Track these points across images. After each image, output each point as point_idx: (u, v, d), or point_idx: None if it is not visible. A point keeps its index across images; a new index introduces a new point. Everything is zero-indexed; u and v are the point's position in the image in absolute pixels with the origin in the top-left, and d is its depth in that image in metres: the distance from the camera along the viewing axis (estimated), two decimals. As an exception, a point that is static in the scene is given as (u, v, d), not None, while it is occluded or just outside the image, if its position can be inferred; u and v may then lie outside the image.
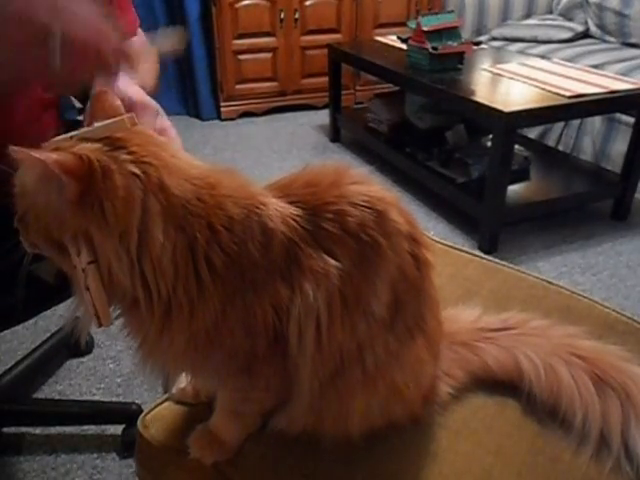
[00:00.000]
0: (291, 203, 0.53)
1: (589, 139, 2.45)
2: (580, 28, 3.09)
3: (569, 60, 2.57)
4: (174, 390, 0.68)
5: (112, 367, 1.51)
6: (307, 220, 0.52)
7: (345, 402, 0.57)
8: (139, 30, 0.92)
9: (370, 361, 0.55)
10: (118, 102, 0.51)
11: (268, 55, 3.33)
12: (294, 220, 0.52)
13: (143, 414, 0.68)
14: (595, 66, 2.46)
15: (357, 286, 0.53)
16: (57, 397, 1.42)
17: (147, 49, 0.77)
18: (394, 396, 0.59)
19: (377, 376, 0.56)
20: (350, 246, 0.52)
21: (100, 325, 0.49)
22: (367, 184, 0.55)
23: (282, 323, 0.52)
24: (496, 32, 3.30)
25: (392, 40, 2.87)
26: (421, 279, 0.58)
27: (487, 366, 0.68)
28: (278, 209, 0.52)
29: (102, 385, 1.46)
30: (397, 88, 2.77)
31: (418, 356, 0.59)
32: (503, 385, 0.68)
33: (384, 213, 0.54)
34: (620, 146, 2.26)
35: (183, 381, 0.68)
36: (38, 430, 1.32)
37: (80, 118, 0.88)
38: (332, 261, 0.52)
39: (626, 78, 2.17)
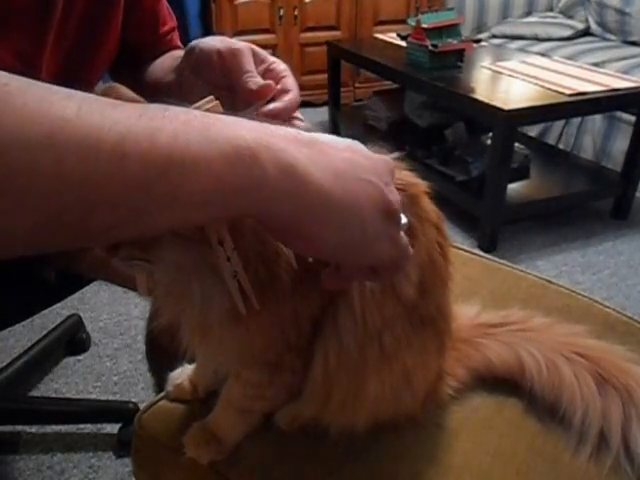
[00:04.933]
0: None
1: (589, 137, 2.44)
2: (580, 26, 3.08)
3: (569, 58, 2.57)
4: (170, 387, 0.68)
5: (109, 365, 1.51)
6: None
7: (359, 382, 0.56)
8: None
9: (388, 342, 0.55)
10: (131, 93, 0.49)
11: (267, 52, 3.32)
12: None
13: (140, 413, 0.67)
14: (596, 64, 2.45)
15: None
16: (53, 395, 1.42)
17: None
18: (405, 382, 0.58)
19: (392, 358, 0.56)
20: None
21: (245, 311, 0.47)
22: (400, 169, 0.55)
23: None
24: (496, 30, 3.30)
25: (392, 37, 2.86)
26: (446, 269, 0.58)
27: (489, 361, 0.67)
28: None
29: (99, 383, 1.45)
30: (397, 86, 2.76)
31: (425, 347, 0.59)
32: (503, 384, 0.67)
33: (417, 197, 0.55)
34: (621, 144, 2.26)
35: (179, 377, 0.68)
36: (34, 428, 1.32)
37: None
38: None
39: (627, 76, 2.16)
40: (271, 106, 0.58)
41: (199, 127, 0.35)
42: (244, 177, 0.35)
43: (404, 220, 0.45)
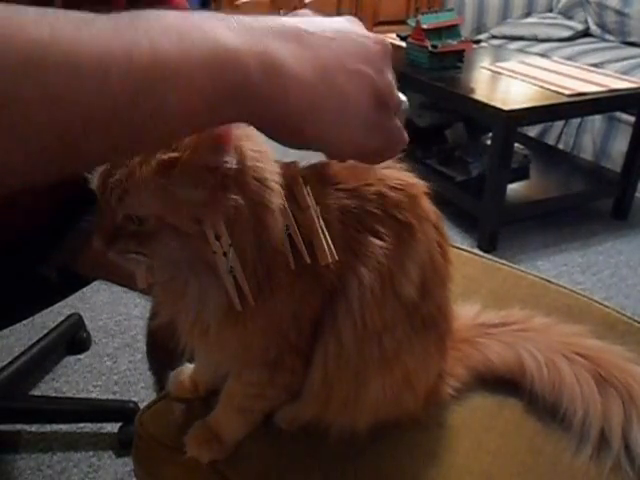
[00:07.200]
0: (334, 184, 0.53)
1: (589, 138, 2.44)
2: (580, 27, 3.08)
3: (569, 59, 2.57)
4: (171, 386, 0.68)
5: (109, 364, 1.51)
6: (351, 200, 0.53)
7: (359, 383, 0.56)
8: None
9: (388, 343, 0.55)
10: None
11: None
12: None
13: (140, 412, 0.67)
14: (595, 65, 2.45)
15: (390, 266, 0.53)
16: (54, 394, 1.42)
17: None
18: (406, 384, 0.58)
19: (393, 360, 0.56)
20: (390, 226, 0.53)
21: (240, 307, 0.48)
22: (398, 170, 0.57)
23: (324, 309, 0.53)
24: (496, 30, 3.30)
25: (391, 38, 2.85)
26: (446, 269, 0.58)
27: (489, 361, 0.67)
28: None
29: (99, 382, 1.45)
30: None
31: (427, 349, 0.59)
32: (503, 384, 0.67)
33: (417, 198, 0.56)
34: (620, 145, 2.26)
35: (180, 376, 0.68)
36: (34, 427, 1.31)
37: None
38: (378, 242, 0.52)
39: (626, 77, 2.17)
40: None
41: (176, 36, 0.34)
42: (227, 84, 0.35)
43: (403, 98, 0.45)
